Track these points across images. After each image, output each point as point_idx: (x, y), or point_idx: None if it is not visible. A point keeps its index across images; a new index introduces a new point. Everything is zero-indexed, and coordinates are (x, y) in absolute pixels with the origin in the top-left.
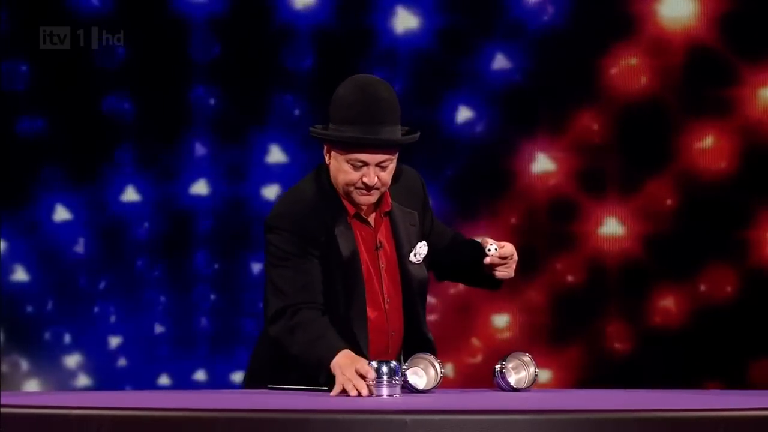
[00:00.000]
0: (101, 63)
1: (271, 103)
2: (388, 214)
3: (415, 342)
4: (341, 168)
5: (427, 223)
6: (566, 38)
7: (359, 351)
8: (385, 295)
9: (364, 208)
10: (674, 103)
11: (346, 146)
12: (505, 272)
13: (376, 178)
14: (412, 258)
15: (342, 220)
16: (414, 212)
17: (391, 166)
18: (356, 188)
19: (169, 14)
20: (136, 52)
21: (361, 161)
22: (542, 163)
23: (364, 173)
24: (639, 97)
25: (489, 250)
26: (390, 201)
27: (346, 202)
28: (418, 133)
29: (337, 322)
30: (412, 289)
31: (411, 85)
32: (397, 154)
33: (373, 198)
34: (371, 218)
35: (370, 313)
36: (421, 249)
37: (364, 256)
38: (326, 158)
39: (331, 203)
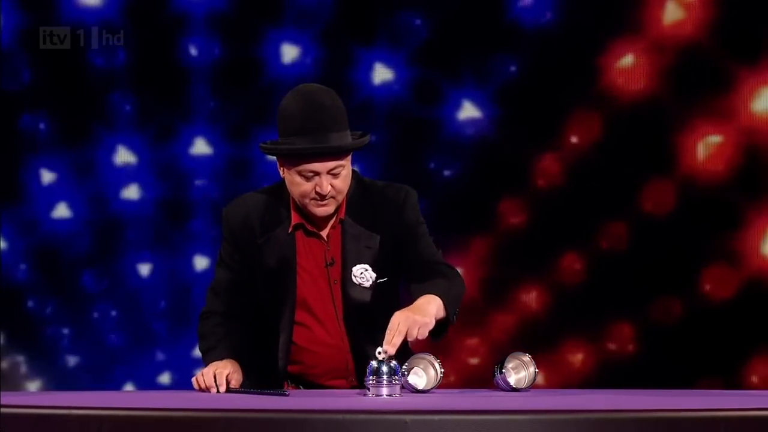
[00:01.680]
0: (101, 63)
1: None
2: (342, 227)
3: (362, 364)
4: (294, 180)
5: (410, 247)
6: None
7: (276, 362)
8: (339, 312)
9: (317, 219)
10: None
11: (294, 158)
12: (411, 336)
13: (329, 187)
14: (354, 280)
15: (280, 230)
16: (376, 236)
17: (344, 173)
18: (311, 199)
19: (170, 14)
20: (137, 52)
21: (312, 171)
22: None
23: (317, 183)
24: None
25: (379, 353)
26: (342, 214)
27: (294, 214)
28: (368, 136)
29: (267, 330)
30: (349, 310)
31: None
32: (348, 159)
33: (330, 208)
34: (324, 233)
35: (317, 328)
36: (363, 273)
37: (309, 269)
38: (280, 172)
39: (274, 213)
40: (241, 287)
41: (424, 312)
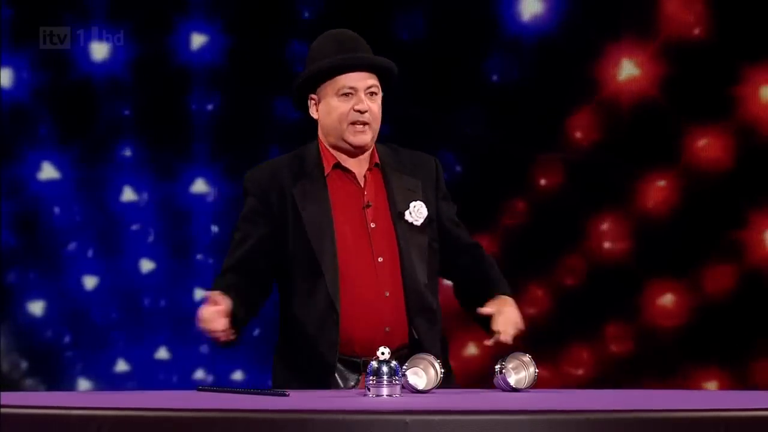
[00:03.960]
0: (101, 63)
1: (272, 107)
2: (382, 171)
3: (418, 309)
4: (331, 106)
5: (441, 206)
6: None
7: (331, 305)
8: (375, 255)
9: (350, 159)
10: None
11: (332, 73)
12: (507, 335)
13: (368, 105)
14: (407, 217)
15: (314, 176)
16: (417, 181)
17: (379, 99)
18: (350, 124)
19: (170, 14)
20: (137, 53)
21: (351, 87)
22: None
23: (356, 101)
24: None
25: (382, 353)
26: (377, 158)
27: (327, 155)
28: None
29: (311, 276)
30: (406, 251)
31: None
32: (380, 93)
33: (367, 137)
34: (358, 174)
35: (357, 272)
36: (418, 209)
37: (345, 212)
38: (313, 112)
39: (304, 162)
40: (269, 242)
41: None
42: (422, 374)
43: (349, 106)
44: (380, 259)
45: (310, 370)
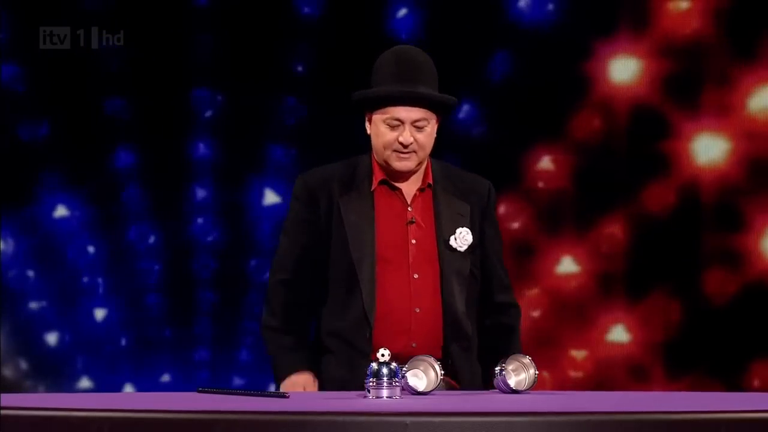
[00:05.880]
0: (101, 63)
1: (273, 107)
2: (432, 191)
3: (454, 335)
4: (379, 131)
5: (489, 235)
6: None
7: (364, 314)
8: (411, 271)
9: (398, 177)
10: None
11: (381, 103)
12: None
13: (411, 138)
14: (452, 242)
15: (362, 187)
16: (467, 205)
17: (429, 130)
18: (393, 151)
19: (170, 14)
20: (137, 52)
21: (397, 119)
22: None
23: (400, 132)
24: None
25: (382, 354)
26: (430, 179)
27: (378, 171)
28: (456, 100)
29: (347, 283)
30: (448, 272)
31: None
32: (435, 119)
33: (410, 163)
34: (407, 192)
35: (389, 284)
36: (464, 235)
37: (388, 225)
38: (367, 128)
39: (354, 172)
40: (313, 250)
41: None
42: (422, 376)
43: (395, 136)
44: (416, 276)
45: (339, 377)
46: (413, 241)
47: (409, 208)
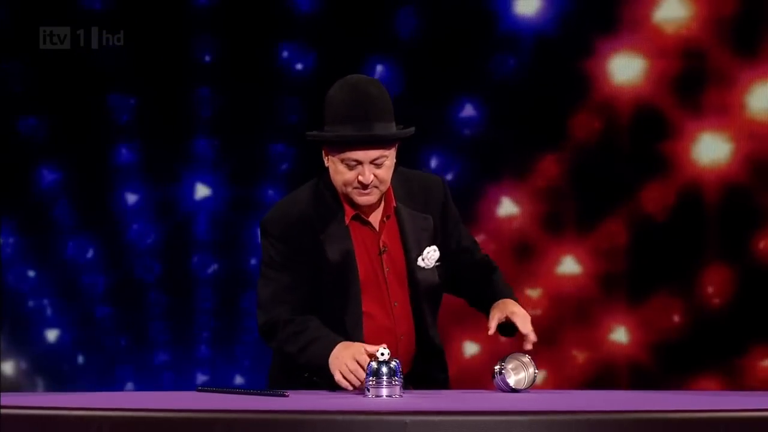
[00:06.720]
0: (101, 63)
1: (273, 105)
2: (396, 214)
3: (423, 348)
4: (337, 169)
5: (450, 231)
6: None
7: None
8: (392, 299)
9: (366, 209)
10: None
11: (338, 146)
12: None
13: (371, 176)
14: (420, 263)
15: (336, 223)
16: (428, 216)
17: (388, 163)
18: (354, 188)
19: (170, 14)
20: (137, 51)
21: (355, 160)
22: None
23: (360, 172)
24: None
25: (382, 354)
26: (394, 202)
27: (346, 205)
28: (413, 129)
29: (332, 323)
30: (418, 294)
31: None
32: (393, 151)
33: (372, 198)
34: (374, 221)
35: (377, 316)
36: (431, 254)
37: (364, 259)
38: (325, 161)
39: (325, 208)
40: (302, 287)
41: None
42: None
43: (354, 175)
44: (396, 304)
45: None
46: (387, 269)
47: (381, 238)
